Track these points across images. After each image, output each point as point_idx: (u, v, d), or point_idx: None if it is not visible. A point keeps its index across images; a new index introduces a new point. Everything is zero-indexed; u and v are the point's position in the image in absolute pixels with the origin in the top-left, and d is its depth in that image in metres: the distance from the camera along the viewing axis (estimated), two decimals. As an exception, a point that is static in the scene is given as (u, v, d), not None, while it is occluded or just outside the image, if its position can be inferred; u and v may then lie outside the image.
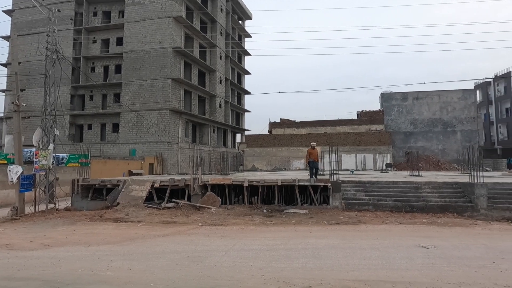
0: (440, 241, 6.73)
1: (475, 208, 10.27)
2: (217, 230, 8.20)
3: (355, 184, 12.61)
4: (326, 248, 6.22)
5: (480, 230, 7.97)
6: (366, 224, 8.83)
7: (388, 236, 7.27)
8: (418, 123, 32.96)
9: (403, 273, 4.73)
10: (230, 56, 35.68)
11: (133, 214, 10.44)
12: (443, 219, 9.38)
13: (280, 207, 11.56)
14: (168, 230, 8.35)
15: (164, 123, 24.81)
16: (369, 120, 33.29)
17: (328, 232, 7.85)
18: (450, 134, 32.27)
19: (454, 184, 11.97)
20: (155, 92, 25.19)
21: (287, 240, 6.95)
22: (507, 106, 39.29)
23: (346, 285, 4.29)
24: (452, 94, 32.61)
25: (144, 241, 7.11)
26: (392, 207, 10.81)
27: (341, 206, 11.23)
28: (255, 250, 6.18)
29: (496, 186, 11.41)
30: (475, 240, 6.83)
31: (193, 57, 27.72)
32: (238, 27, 39.72)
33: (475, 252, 5.85)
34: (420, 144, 32.41)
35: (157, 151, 23.62)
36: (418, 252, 5.86)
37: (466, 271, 4.81)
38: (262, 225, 8.82)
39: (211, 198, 11.72)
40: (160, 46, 25.39)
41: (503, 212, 9.91)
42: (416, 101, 33.30)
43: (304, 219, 9.51)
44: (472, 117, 32.27)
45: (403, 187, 12.20)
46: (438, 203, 10.81)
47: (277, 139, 32.48)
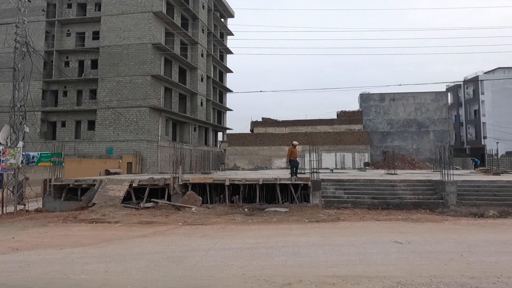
0: (414, 236, 7.03)
1: (445, 204, 10.82)
2: (197, 230, 8.11)
3: (334, 183, 12.89)
4: (306, 246, 6.32)
5: (450, 226, 8.41)
6: (345, 221, 9.06)
7: (366, 233, 7.50)
8: (394, 123, 34.24)
9: (379, 268, 4.90)
10: (212, 54, 35.33)
11: (110, 214, 10.10)
12: (417, 215, 9.81)
13: (262, 205, 11.61)
14: (147, 230, 8.15)
15: (143, 121, 24.17)
16: (348, 120, 34.17)
17: (308, 229, 7.99)
18: (424, 134, 33.79)
19: (426, 182, 12.54)
20: (134, 89, 24.47)
21: (268, 239, 7.00)
22: (475, 108, 41.68)
23: (324, 281, 4.38)
24: (426, 96, 34.16)
25: (122, 242, 6.90)
26: (370, 205, 11.16)
27: (321, 204, 11.46)
28: (236, 249, 6.18)
29: (465, 184, 12.08)
30: (445, 235, 7.20)
31: (174, 53, 27.18)
32: (220, 25, 39.39)
33: (445, 246, 6.17)
34: (396, 144, 33.70)
35: (135, 149, 22.97)
36: (393, 248, 6.09)
37: (437, 264, 5.06)
38: (243, 224, 8.82)
39: (191, 197, 11.56)
40: (139, 41, 24.68)
41: (470, 208, 10.51)
42: (392, 102, 34.57)
43: (285, 217, 9.61)
44: (444, 118, 33.97)
45: (380, 185, 12.62)
46: (412, 200, 11.28)
47: (259, 138, 32.59)
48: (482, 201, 10.98)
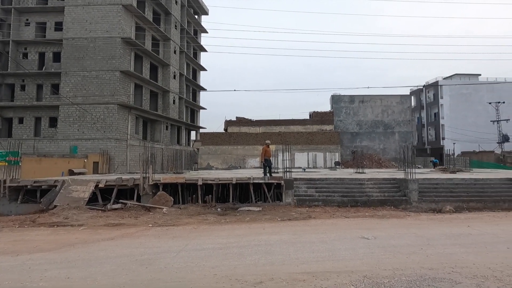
0: (379, 232, 7.40)
1: (408, 201, 11.50)
2: (168, 231, 7.90)
3: (306, 181, 13.19)
4: (278, 244, 6.41)
5: (412, 221, 8.96)
6: (316, 219, 9.31)
7: (335, 230, 7.76)
8: (363, 124, 35.78)
9: (347, 263, 5.09)
10: (185, 51, 34.57)
11: (73, 217, 9.52)
12: (382, 212, 10.33)
13: (235, 205, 11.58)
14: (114, 233, 7.79)
15: (111, 118, 23.05)
16: (320, 120, 35.14)
17: (281, 228, 8.10)
18: (390, 135, 35.67)
19: (391, 180, 13.25)
20: (101, 85, 23.26)
21: (240, 238, 6.99)
22: (435, 111, 44.75)
23: (295, 278, 4.47)
24: (392, 99, 36.07)
25: (86, 246, 6.53)
26: (339, 202, 11.56)
27: (293, 203, 11.67)
28: (208, 249, 6.10)
29: (425, 182, 12.92)
30: (407, 230, 7.66)
31: (145, 49, 26.23)
32: (194, 22, 38.67)
33: (407, 241, 6.56)
34: (365, 144, 35.25)
35: (103, 148, 21.86)
36: (360, 243, 6.36)
37: (400, 257, 5.36)
38: (216, 224, 8.74)
39: (162, 197, 11.24)
40: (107, 35, 23.49)
41: (430, 204, 11.27)
42: (361, 104, 36.10)
43: (258, 216, 9.67)
44: (407, 120, 36.09)
45: (349, 184, 13.13)
46: (379, 198, 11.87)
47: (232, 137, 32.47)
48: (440, 197, 11.83)
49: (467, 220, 8.89)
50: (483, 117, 41.61)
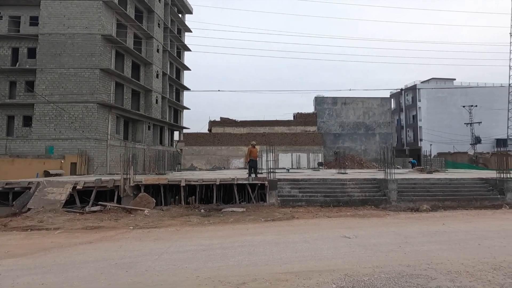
0: (360, 231, 7.58)
1: (388, 200, 11.86)
2: (150, 233, 7.74)
3: (290, 182, 13.31)
4: (262, 244, 6.42)
5: (391, 220, 9.24)
6: (299, 219, 9.40)
7: (318, 229, 7.87)
8: (345, 126, 36.55)
9: (329, 262, 5.18)
10: (168, 49, 34.02)
11: (48, 220, 9.13)
12: (363, 211, 10.59)
13: (219, 206, 11.51)
14: (93, 236, 7.54)
15: (90, 118, 22.29)
16: (304, 121, 35.58)
17: (264, 228, 8.12)
18: (371, 136, 36.64)
19: (372, 180, 13.61)
20: (80, 83, 22.45)
21: (224, 239, 6.95)
22: (413, 113, 46.44)
23: (278, 278, 4.49)
24: (373, 101, 37.09)
25: (62, 251, 6.28)
26: (322, 202, 11.75)
27: (277, 203, 11.74)
28: (191, 251, 6.02)
29: (404, 182, 13.37)
30: (387, 228, 7.89)
31: (127, 47, 25.57)
32: (178, 21, 38.12)
33: (386, 239, 6.76)
34: (347, 145, 36.02)
35: (81, 148, 21.10)
36: (342, 242, 6.49)
37: (379, 255, 5.52)
38: (199, 225, 8.65)
39: (144, 199, 10.99)
40: (87, 31, 22.71)
41: (408, 203, 11.68)
42: (344, 106, 36.87)
43: (242, 217, 9.65)
44: (387, 122, 37.22)
45: (332, 184, 13.37)
46: (360, 197, 12.16)
47: (217, 138, 32.26)
48: (418, 197, 12.28)
49: (442, 218, 9.27)
50: (457, 120, 43.62)
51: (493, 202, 11.98)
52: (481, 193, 12.85)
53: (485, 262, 5.07)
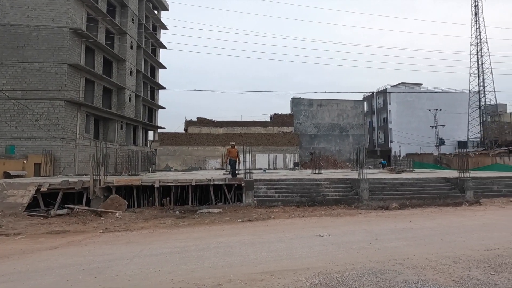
0: (334, 229, 7.80)
1: (360, 199, 12.31)
2: (121, 237, 7.45)
3: (266, 182, 13.41)
4: (238, 245, 6.41)
5: (363, 218, 9.59)
6: (275, 219, 9.49)
7: (293, 229, 7.99)
8: (321, 127, 37.44)
9: (303, 261, 5.27)
10: (143, 46, 32.98)
11: (8, 225, 8.50)
12: (337, 210, 10.91)
13: (194, 207, 11.33)
14: (59, 241, 7.12)
15: (57, 116, 21.05)
16: (281, 122, 35.97)
17: (240, 229, 8.11)
18: (345, 138, 37.82)
19: (345, 180, 14.06)
20: (46, 78, 21.13)
21: (199, 241, 6.86)
22: (384, 116, 48.60)
23: (254, 278, 4.51)
24: (347, 104, 38.32)
25: (24, 257, 5.87)
26: (298, 202, 11.96)
27: (254, 203, 11.78)
28: (164, 254, 5.88)
29: (375, 181, 13.95)
30: (358, 226, 8.18)
31: (98, 42, 24.46)
32: (153, 17, 37.09)
33: (358, 237, 7.01)
34: (322, 146, 36.91)
35: (47, 148, 19.85)
36: (316, 241, 6.64)
37: (351, 253, 5.71)
38: (174, 227, 8.46)
39: (115, 201, 10.57)
40: (53, 24, 21.42)
41: (379, 202, 12.19)
42: (319, 108, 37.76)
43: (218, 218, 9.58)
44: (360, 123, 38.62)
45: (307, 184, 13.64)
46: (334, 197, 12.51)
47: (193, 138, 31.75)
48: (388, 195, 12.86)
49: (409, 216, 9.77)
50: (424, 123, 46.28)
51: (454, 199, 12.82)
52: (444, 191, 13.72)
53: (446, 256, 5.42)
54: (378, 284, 4.20)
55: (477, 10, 42.08)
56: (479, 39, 42.01)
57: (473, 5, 42.44)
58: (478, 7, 42.04)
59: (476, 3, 42.16)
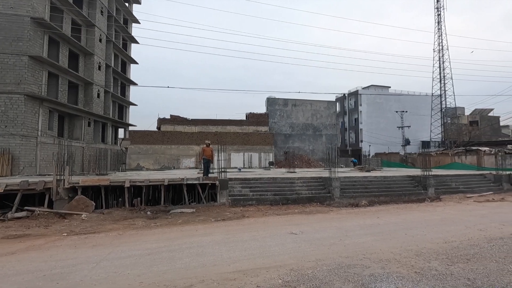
0: (306, 227, 7.98)
1: (332, 197, 12.69)
2: (88, 240, 7.08)
3: (241, 181, 13.41)
4: (211, 245, 6.35)
5: (334, 215, 9.91)
6: (249, 218, 9.52)
7: (267, 227, 8.06)
8: (295, 127, 38.07)
9: (276, 258, 5.34)
10: (113, 40, 31.51)
11: (-43, 230, 7.75)
12: (310, 208, 11.16)
13: (167, 207, 11.05)
14: (17, 246, 6.61)
15: (15, 111, 19.52)
16: (256, 121, 36.09)
17: (214, 228, 8.04)
18: (318, 137, 38.78)
19: (318, 179, 14.43)
20: (3, 70, 19.51)
21: (171, 241, 6.70)
22: (355, 117, 50.49)
23: (226, 277, 4.49)
24: (320, 104, 39.30)
25: (-25, 265, 5.38)
26: (272, 201, 12.08)
27: (228, 203, 11.72)
28: (134, 256, 5.67)
29: (346, 180, 14.45)
30: (330, 223, 8.44)
31: (63, 34, 22.99)
32: (124, 10, 35.56)
33: (329, 233, 7.23)
34: (296, 145, 37.57)
35: (4, 146, 18.35)
36: (289, 238, 6.75)
37: (322, 249, 5.88)
38: (144, 229, 8.19)
39: (81, 202, 10.02)
40: (12, 12, 19.82)
41: (349, 199, 12.65)
42: (294, 108, 38.37)
43: (191, 218, 9.42)
44: (333, 124, 39.79)
45: (281, 183, 13.82)
46: (307, 195, 12.79)
47: (166, 136, 30.92)
48: (357, 193, 13.38)
49: (377, 212, 10.25)
50: (391, 123, 48.72)
51: (418, 196, 13.64)
52: (409, 188, 14.54)
53: (409, 249, 5.75)
54: (347, 278, 4.36)
55: (440, 19, 45.03)
56: (441, 46, 45.01)
57: (436, 14, 45.33)
58: (441, 16, 44.99)
59: (439, 12, 45.08)
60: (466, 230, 7.37)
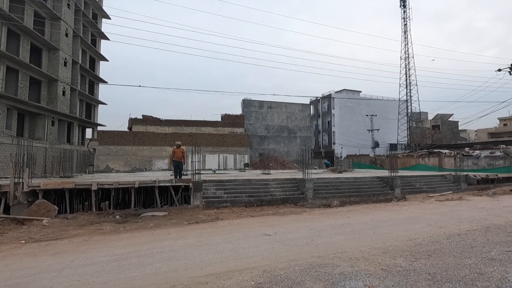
0: (280, 228, 8.05)
1: (305, 198, 12.94)
2: (49, 247, 6.62)
3: (215, 183, 13.27)
4: (183, 248, 6.20)
5: (307, 216, 10.10)
6: (224, 220, 9.43)
7: (241, 229, 8.03)
8: (270, 129, 38.42)
9: (249, 260, 5.33)
10: (80, 35, 29.93)
11: None
12: (283, 209, 11.29)
13: (137, 211, 10.65)
14: (-35, 256, 6.02)
15: (-32, 108, 17.88)
16: (231, 123, 35.96)
17: (187, 232, 7.87)
18: (293, 139, 39.42)
19: (292, 180, 14.65)
20: (-47, 63, 17.81)
21: (141, 246, 6.45)
22: (328, 119, 52.01)
23: (198, 281, 4.40)
24: (295, 107, 40.03)
25: None
26: (247, 202, 12.07)
27: (202, 205, 11.54)
28: (100, 263, 5.39)
29: (319, 181, 14.81)
30: (303, 224, 8.59)
31: (24, 26, 21.46)
32: (94, 4, 33.94)
33: (302, 233, 7.35)
34: (272, 147, 37.91)
35: (-48, 146, 16.71)
36: (262, 240, 6.77)
37: (295, 249, 5.96)
38: (113, 233, 7.82)
39: (42, 207, 9.38)
40: (-36, 0, 18.17)
41: (322, 200, 12.97)
42: (269, 110, 38.73)
43: (163, 222, 9.15)
44: (307, 126, 40.66)
45: (256, 184, 13.86)
46: (281, 196, 12.94)
47: (138, 137, 29.86)
48: (330, 194, 13.76)
49: (348, 212, 10.60)
50: (362, 126, 50.79)
51: (386, 196, 14.30)
52: (378, 189, 15.21)
53: (377, 247, 6.00)
54: (318, 277, 4.45)
55: (406, 29, 47.77)
56: (407, 54, 47.74)
57: (403, 24, 48.04)
58: (407, 26, 47.75)
59: (405, 22, 47.82)
60: (428, 227, 7.83)
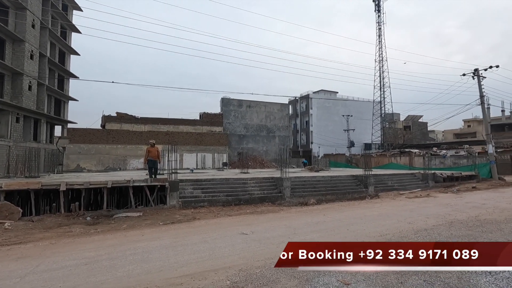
0: (257, 226, 8.09)
1: (283, 197, 13.09)
2: (11, 251, 6.21)
3: (193, 183, 13.07)
4: (158, 250, 6.05)
5: (284, 214, 10.22)
6: (200, 220, 9.32)
7: (218, 229, 7.98)
8: (249, 128, 38.46)
9: (226, 260, 5.31)
10: (49, 27, 28.26)
11: None
12: (261, 208, 11.35)
13: (110, 212, 10.26)
14: None
15: None
16: (210, 122, 35.59)
17: (162, 232, 7.69)
18: (271, 138, 39.72)
19: (270, 179, 14.77)
20: None
21: (113, 248, 6.22)
22: (306, 119, 52.93)
23: (173, 282, 4.32)
24: (274, 106, 40.34)
25: None
26: (224, 202, 12.00)
27: (179, 205, 11.34)
28: (68, 267, 5.13)
29: (296, 180, 15.03)
30: (280, 222, 8.68)
31: (-15, 15, 19.92)
32: (64, -5, 32.16)
33: (279, 232, 7.43)
34: (250, 146, 37.97)
35: None
36: (239, 239, 6.76)
37: (271, 248, 6.01)
38: (83, 236, 7.48)
39: (4, 209, 8.78)
40: None
41: (299, 198, 13.18)
42: (249, 109, 38.75)
43: (137, 222, 8.88)
44: (286, 126, 41.13)
45: (234, 183, 13.82)
46: (259, 195, 12.99)
47: (111, 135, 28.75)
48: (307, 192, 14.01)
49: (323, 210, 10.85)
50: (338, 126, 52.20)
51: (360, 194, 14.80)
52: (352, 187, 15.70)
53: (350, 244, 6.19)
54: (293, 275, 4.52)
55: (380, 33, 49.63)
56: (381, 57, 49.64)
57: (377, 28, 49.87)
58: (381, 30, 49.62)
59: (380, 26, 49.67)
60: (398, 223, 8.20)
